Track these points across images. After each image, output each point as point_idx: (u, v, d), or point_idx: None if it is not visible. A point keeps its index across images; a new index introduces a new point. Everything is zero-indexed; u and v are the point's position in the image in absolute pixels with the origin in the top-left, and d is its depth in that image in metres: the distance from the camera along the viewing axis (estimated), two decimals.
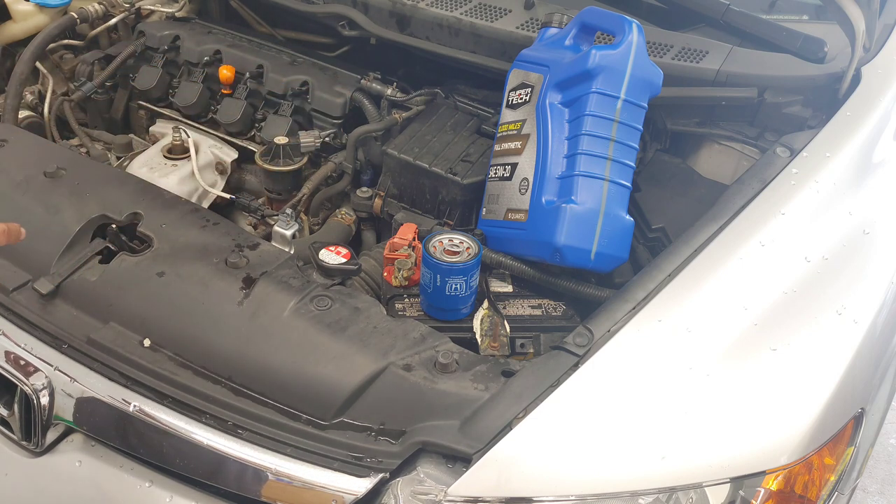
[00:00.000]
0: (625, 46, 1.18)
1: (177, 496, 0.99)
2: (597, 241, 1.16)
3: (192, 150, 1.56)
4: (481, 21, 1.50)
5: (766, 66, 1.35)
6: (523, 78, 1.31)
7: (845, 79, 1.33)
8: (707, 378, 0.94)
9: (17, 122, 1.63)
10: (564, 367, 0.95)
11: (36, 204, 1.21)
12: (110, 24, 1.82)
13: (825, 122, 1.29)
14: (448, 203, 1.40)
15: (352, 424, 0.96)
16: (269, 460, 0.95)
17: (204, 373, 1.02)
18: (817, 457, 0.95)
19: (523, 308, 1.20)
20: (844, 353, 1.00)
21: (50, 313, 1.10)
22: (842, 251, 1.11)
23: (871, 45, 1.40)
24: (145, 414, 1.00)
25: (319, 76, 1.62)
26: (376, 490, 0.91)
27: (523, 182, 1.24)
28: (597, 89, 1.18)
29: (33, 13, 1.79)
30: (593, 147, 1.18)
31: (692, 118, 1.44)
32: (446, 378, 0.97)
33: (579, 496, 0.87)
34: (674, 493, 0.89)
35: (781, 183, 1.17)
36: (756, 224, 1.11)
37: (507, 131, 1.31)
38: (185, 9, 1.86)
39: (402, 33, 1.59)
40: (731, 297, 1.02)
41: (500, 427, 0.89)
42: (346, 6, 1.63)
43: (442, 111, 1.52)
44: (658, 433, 0.90)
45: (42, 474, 1.06)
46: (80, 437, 1.06)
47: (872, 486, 2.20)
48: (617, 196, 1.19)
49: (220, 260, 1.11)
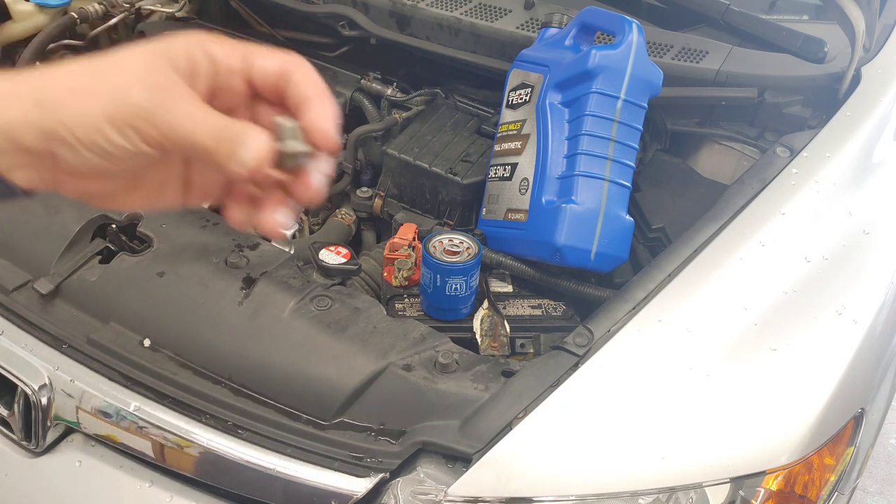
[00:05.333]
0: (625, 46, 1.18)
1: (177, 496, 0.99)
2: (597, 241, 1.16)
3: None
4: (481, 21, 1.50)
5: (766, 66, 1.35)
6: (523, 78, 1.31)
7: (845, 79, 1.33)
8: (707, 378, 0.94)
9: None
10: (564, 367, 0.95)
11: (36, 204, 1.20)
12: (110, 24, 1.82)
13: (825, 122, 1.29)
14: (448, 203, 1.40)
15: (352, 424, 0.96)
16: (269, 460, 0.95)
17: (204, 373, 1.02)
18: (817, 457, 0.95)
19: (523, 308, 1.20)
20: (844, 353, 1.00)
21: (50, 313, 1.10)
22: (842, 251, 1.11)
23: (871, 46, 1.40)
24: (145, 414, 1.00)
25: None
26: (376, 490, 0.91)
27: (523, 182, 1.24)
28: (597, 89, 1.18)
29: (33, 13, 1.79)
30: (593, 147, 1.18)
31: (692, 118, 1.44)
32: (446, 378, 0.97)
33: (579, 496, 0.87)
34: (674, 494, 0.89)
35: (781, 183, 1.17)
36: (756, 224, 1.11)
37: (507, 131, 1.31)
38: (185, 9, 1.86)
39: (402, 33, 1.59)
40: (731, 296, 1.02)
41: (500, 427, 0.89)
42: (345, 6, 1.63)
43: (442, 111, 1.52)
44: (658, 433, 0.90)
45: (42, 474, 1.06)
46: (80, 437, 1.06)
47: (872, 486, 2.20)
48: (617, 196, 1.19)
49: (220, 260, 1.11)
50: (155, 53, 0.47)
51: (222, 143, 0.46)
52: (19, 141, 0.46)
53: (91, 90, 0.46)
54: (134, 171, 0.50)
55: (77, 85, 0.46)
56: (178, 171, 0.53)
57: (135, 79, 0.46)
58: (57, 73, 0.47)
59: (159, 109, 0.46)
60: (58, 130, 0.45)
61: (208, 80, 0.48)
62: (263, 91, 0.50)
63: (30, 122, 0.45)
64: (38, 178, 0.48)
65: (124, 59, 0.47)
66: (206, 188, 0.54)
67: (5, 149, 0.46)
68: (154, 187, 0.52)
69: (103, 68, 0.47)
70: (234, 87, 0.49)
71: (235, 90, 0.50)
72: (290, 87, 0.49)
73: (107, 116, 0.45)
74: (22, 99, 0.46)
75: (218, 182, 0.54)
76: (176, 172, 0.53)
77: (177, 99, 0.47)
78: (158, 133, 0.46)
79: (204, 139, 0.46)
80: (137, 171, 0.51)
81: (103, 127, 0.45)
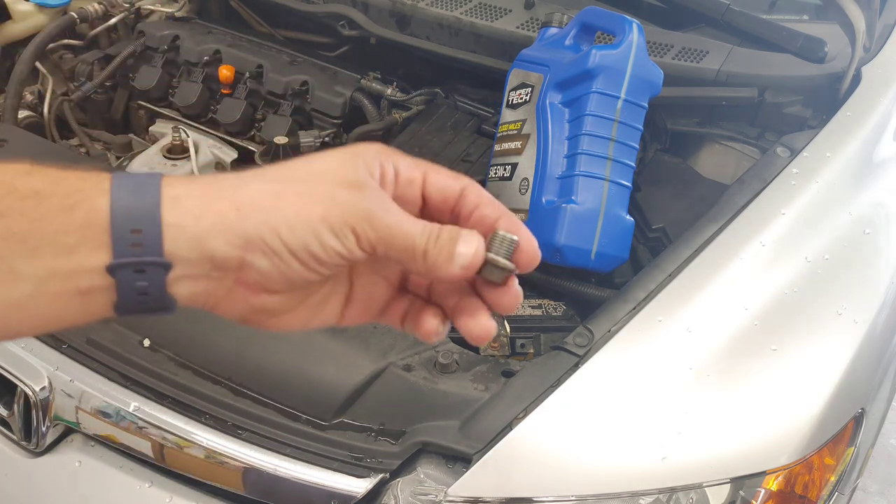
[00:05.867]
0: (625, 46, 1.18)
1: (176, 496, 0.99)
2: (597, 241, 1.16)
3: (191, 150, 1.56)
4: (481, 21, 1.50)
5: (767, 65, 1.35)
6: (523, 78, 1.31)
7: (846, 79, 1.33)
8: (707, 378, 0.94)
9: (16, 122, 1.63)
10: (565, 367, 0.95)
11: None
12: (110, 24, 1.82)
13: (826, 122, 1.28)
14: None
15: (352, 425, 0.96)
16: (269, 461, 0.95)
17: (204, 373, 1.02)
18: (818, 457, 0.95)
19: (523, 308, 1.20)
20: (845, 353, 1.00)
21: None
22: (842, 251, 1.11)
23: (871, 45, 1.40)
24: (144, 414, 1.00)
25: (319, 76, 1.62)
26: (376, 490, 0.91)
27: (523, 182, 1.24)
28: (597, 89, 1.17)
29: (33, 13, 1.79)
30: (593, 147, 1.18)
31: (692, 118, 1.44)
32: (446, 378, 0.97)
33: (579, 496, 0.87)
34: (674, 494, 0.89)
35: (782, 183, 1.17)
36: (756, 224, 1.11)
37: (507, 131, 1.31)
38: (184, 9, 1.86)
39: (402, 33, 1.58)
40: (731, 296, 1.02)
41: (501, 427, 0.89)
42: (345, 6, 1.63)
43: (442, 111, 1.52)
44: (658, 433, 0.90)
45: (42, 474, 1.06)
46: (80, 437, 1.06)
47: (873, 486, 2.20)
48: (617, 196, 1.18)
49: None
50: (353, 158, 0.46)
51: (440, 243, 0.46)
52: (209, 249, 0.43)
53: (300, 192, 0.44)
54: (312, 285, 0.49)
55: (282, 189, 0.45)
56: (345, 286, 0.52)
57: (345, 182, 0.45)
58: (255, 177, 0.46)
59: (378, 210, 0.45)
60: (262, 235, 0.44)
61: (391, 190, 0.48)
62: (433, 206, 0.50)
63: (228, 229, 0.43)
64: (203, 293, 0.46)
65: (324, 162, 0.46)
66: (369, 304, 0.53)
67: (189, 258, 0.43)
68: (318, 303, 0.51)
69: (305, 172, 0.46)
70: (412, 199, 0.49)
71: (413, 202, 0.49)
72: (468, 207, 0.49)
73: (323, 219, 0.44)
74: (219, 205, 0.44)
75: (383, 297, 0.53)
76: (342, 287, 0.52)
77: (388, 201, 0.46)
78: (376, 235, 0.45)
79: (420, 240, 0.46)
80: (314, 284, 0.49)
81: (318, 229, 0.44)
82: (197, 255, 0.44)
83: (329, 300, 0.51)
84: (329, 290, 0.51)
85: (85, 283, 0.43)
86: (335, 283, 0.51)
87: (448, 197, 0.49)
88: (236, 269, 0.45)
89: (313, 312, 0.51)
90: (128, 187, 0.43)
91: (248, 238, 0.44)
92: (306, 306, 0.50)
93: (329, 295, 0.51)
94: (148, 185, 0.43)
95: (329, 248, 0.44)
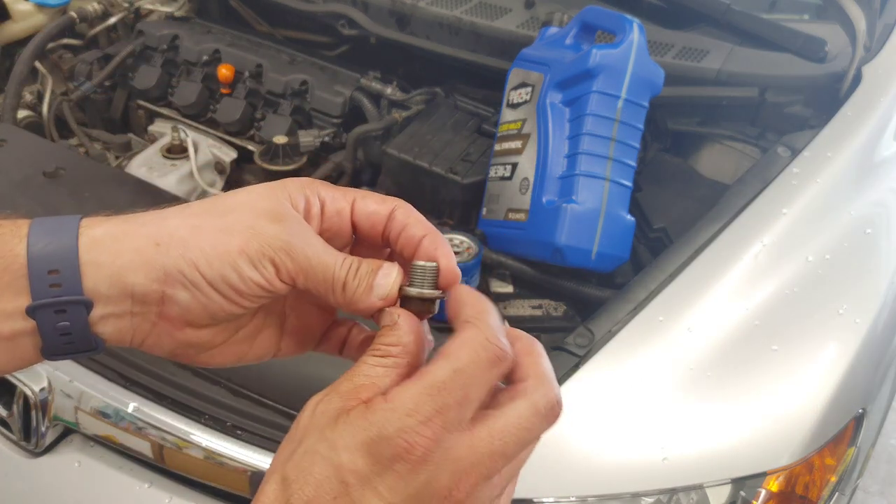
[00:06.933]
0: (625, 46, 1.18)
1: (176, 497, 0.99)
2: (598, 240, 1.16)
3: (191, 150, 1.56)
4: (481, 20, 1.50)
5: (767, 65, 1.35)
6: (524, 77, 1.31)
7: (846, 78, 1.33)
8: (707, 378, 0.94)
9: (16, 122, 1.63)
10: (565, 367, 0.94)
11: (35, 204, 1.20)
12: (109, 24, 1.82)
13: (826, 121, 1.28)
14: (448, 203, 1.40)
15: None
16: (268, 461, 0.94)
17: (202, 373, 1.02)
18: (818, 457, 0.95)
19: (524, 308, 1.20)
20: (845, 353, 0.99)
21: None
22: (843, 251, 1.11)
23: (871, 45, 1.40)
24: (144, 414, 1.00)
25: (319, 75, 1.61)
26: None
27: (524, 182, 1.24)
28: (597, 89, 1.17)
29: (33, 13, 1.79)
30: (594, 147, 1.17)
31: (693, 118, 1.44)
32: None
33: (580, 497, 0.87)
34: (675, 494, 0.89)
35: (783, 182, 1.17)
36: (757, 224, 1.11)
37: (508, 131, 1.31)
38: (184, 8, 1.86)
39: (401, 32, 1.58)
40: (732, 296, 1.01)
41: None
42: (345, 5, 1.63)
43: (442, 110, 1.52)
44: (659, 434, 0.90)
45: (41, 474, 1.06)
46: (80, 438, 1.06)
47: (873, 486, 2.19)
48: (618, 196, 1.18)
49: None
50: (277, 190, 0.46)
51: (359, 275, 0.46)
52: (129, 285, 0.43)
53: (219, 226, 0.44)
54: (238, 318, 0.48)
55: (201, 222, 0.45)
56: (277, 317, 0.52)
57: (266, 214, 0.45)
58: (177, 212, 0.46)
59: (298, 242, 0.45)
60: (181, 268, 0.43)
61: (317, 222, 0.48)
62: (364, 233, 0.49)
63: (147, 264, 0.43)
64: (129, 329, 0.45)
65: (247, 195, 0.46)
66: (305, 335, 0.53)
67: (109, 294, 0.43)
68: (248, 337, 0.51)
69: (226, 205, 0.46)
70: (341, 231, 0.49)
71: (343, 233, 0.49)
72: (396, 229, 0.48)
73: (241, 250, 0.44)
74: (138, 241, 0.44)
75: (319, 326, 0.53)
76: (274, 319, 0.51)
77: (309, 233, 0.46)
78: (295, 266, 0.45)
79: (340, 272, 0.45)
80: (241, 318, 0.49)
81: (237, 261, 0.44)
82: (118, 291, 0.43)
83: (261, 333, 0.51)
84: (260, 322, 0.51)
85: (7, 328, 0.43)
86: (266, 316, 0.51)
87: (376, 223, 0.49)
88: (158, 303, 0.45)
89: (245, 347, 0.51)
90: (45, 231, 0.43)
91: (167, 271, 0.44)
92: (236, 340, 0.50)
93: (260, 328, 0.51)
94: (66, 226, 0.44)
95: (248, 279, 0.44)
